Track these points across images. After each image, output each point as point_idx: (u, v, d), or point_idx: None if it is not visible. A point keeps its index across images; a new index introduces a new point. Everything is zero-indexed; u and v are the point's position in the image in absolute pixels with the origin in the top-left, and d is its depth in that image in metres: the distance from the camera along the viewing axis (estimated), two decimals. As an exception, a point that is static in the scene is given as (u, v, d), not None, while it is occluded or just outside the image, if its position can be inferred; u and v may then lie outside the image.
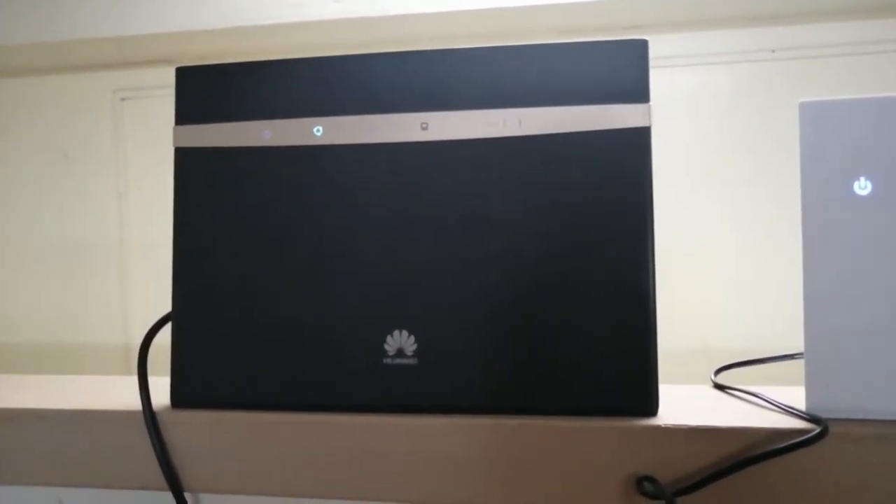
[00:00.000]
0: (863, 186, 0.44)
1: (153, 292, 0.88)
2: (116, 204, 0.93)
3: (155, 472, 0.50)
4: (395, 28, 0.83)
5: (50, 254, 0.94)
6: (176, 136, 0.53)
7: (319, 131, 0.51)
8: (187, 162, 0.53)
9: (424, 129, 0.49)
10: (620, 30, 0.80)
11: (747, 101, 0.79)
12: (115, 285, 0.92)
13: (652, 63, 0.49)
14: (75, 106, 0.95)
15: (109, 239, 0.92)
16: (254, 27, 0.85)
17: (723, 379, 0.57)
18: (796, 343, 0.54)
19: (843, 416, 0.45)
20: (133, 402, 0.53)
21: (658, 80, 0.81)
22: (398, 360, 0.49)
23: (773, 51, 0.80)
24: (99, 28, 0.89)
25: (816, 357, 0.45)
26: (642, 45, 0.48)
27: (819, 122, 0.45)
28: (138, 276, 0.90)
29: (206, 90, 0.53)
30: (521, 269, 0.48)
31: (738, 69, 0.80)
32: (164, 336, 0.55)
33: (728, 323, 0.76)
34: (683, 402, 0.51)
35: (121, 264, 0.92)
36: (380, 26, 0.83)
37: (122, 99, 0.94)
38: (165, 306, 0.55)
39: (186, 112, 0.53)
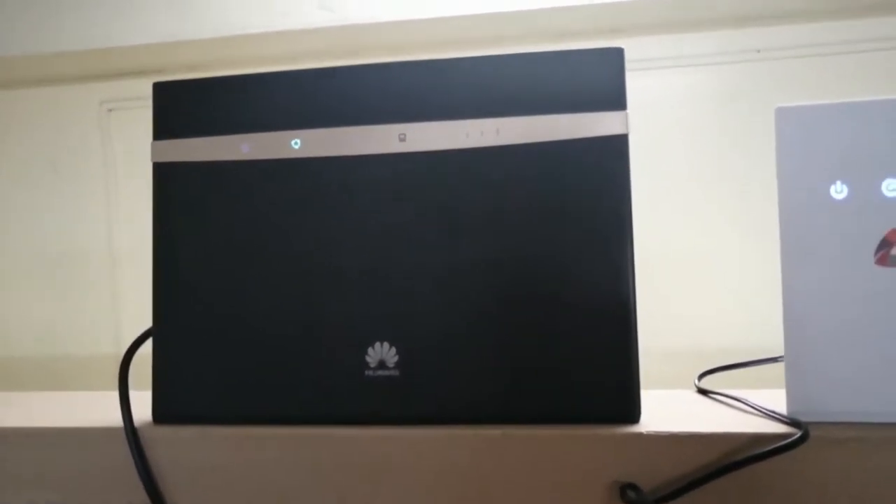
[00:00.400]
0: (839, 190, 0.44)
1: (145, 303, 0.88)
2: (106, 215, 0.93)
3: (138, 489, 0.50)
4: (383, 35, 0.83)
5: (40, 266, 0.94)
6: (154, 151, 0.53)
7: (297, 144, 0.51)
8: (166, 177, 0.53)
9: (402, 140, 0.49)
10: (606, 33, 0.81)
11: (734, 101, 0.79)
12: (107, 296, 0.92)
13: (638, 65, 0.49)
14: (62, 118, 0.95)
15: (100, 250, 0.92)
16: (242, 36, 0.85)
17: (707, 383, 0.57)
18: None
19: (824, 418, 0.45)
20: (116, 418, 0.52)
21: (645, 83, 0.82)
22: (380, 372, 0.49)
23: (759, 51, 0.80)
24: (85, 39, 0.89)
25: (796, 360, 0.45)
26: (618, 53, 0.48)
27: (796, 127, 0.45)
28: (129, 286, 0.90)
29: (183, 105, 0.52)
30: (502, 279, 0.48)
31: (724, 70, 0.80)
32: (149, 349, 0.55)
33: (718, 324, 0.76)
34: (666, 407, 0.51)
35: (111, 275, 0.92)
36: (367, 34, 0.83)
37: (110, 110, 0.94)
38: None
39: (164, 127, 0.53)
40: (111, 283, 0.92)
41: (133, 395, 0.53)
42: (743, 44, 0.80)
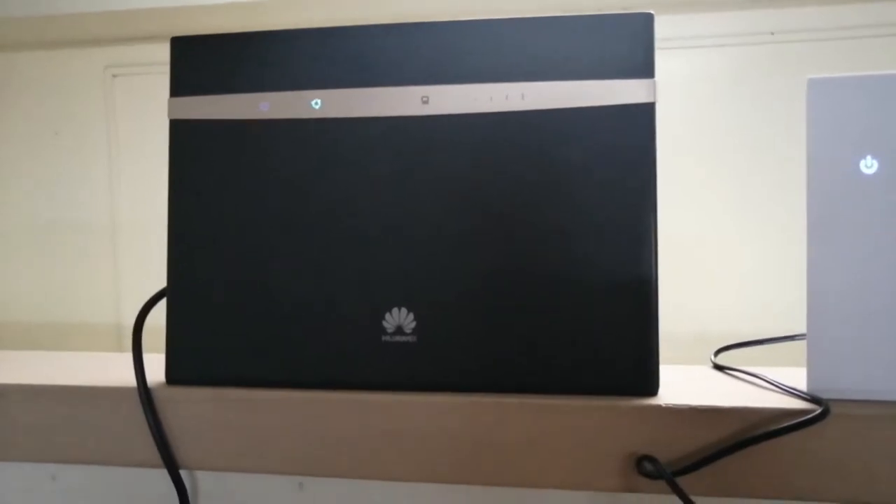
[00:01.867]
0: (869, 165, 0.44)
1: (145, 271, 0.87)
2: (108, 182, 0.91)
3: (150, 449, 0.50)
4: (398, 4, 0.81)
5: (41, 232, 0.93)
6: (171, 107, 0.52)
7: (318, 104, 0.50)
8: (182, 135, 0.52)
9: (425, 102, 0.49)
10: (618, 9, 0.79)
11: (746, 84, 0.78)
12: (107, 264, 0.91)
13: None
14: (66, 82, 0.93)
15: (101, 217, 0.91)
16: (252, 2, 0.84)
17: (722, 360, 0.57)
18: (795, 327, 0.53)
19: (845, 396, 0.44)
20: (127, 378, 0.52)
21: (656, 63, 0.81)
22: (397, 338, 0.48)
23: (773, 33, 0.79)
24: (90, 2, 0.87)
25: (819, 337, 0.45)
26: (647, 19, 0.47)
27: (827, 99, 0.44)
28: (130, 254, 0.89)
29: (202, 61, 0.51)
30: (523, 246, 0.48)
31: (736, 52, 0.80)
32: (156, 316, 0.54)
33: (729, 307, 0.76)
34: (683, 382, 0.51)
35: (113, 243, 0.91)
36: (393, 2, 0.81)
37: (114, 76, 0.92)
38: (157, 285, 0.54)
39: (182, 83, 0.52)
40: (112, 250, 0.91)
41: (146, 357, 0.53)
42: (756, 26, 0.79)
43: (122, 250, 0.91)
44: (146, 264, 0.87)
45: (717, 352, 0.58)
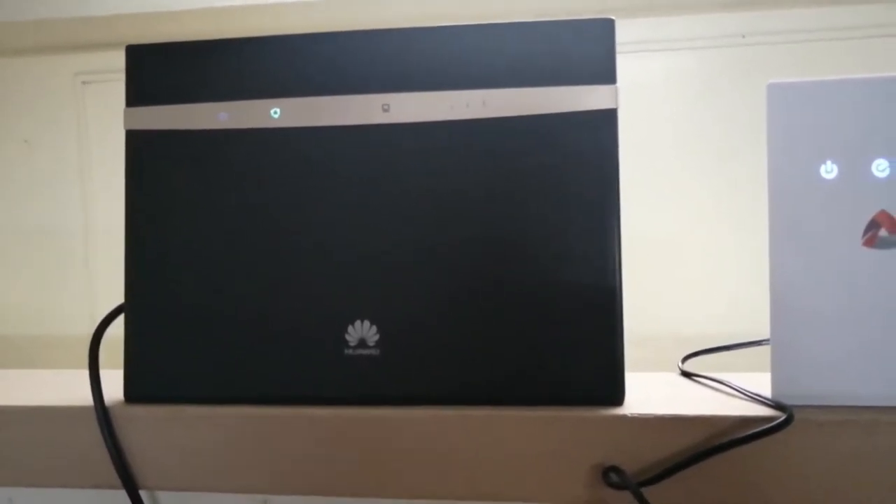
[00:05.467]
0: (829, 170, 0.43)
1: (120, 281, 0.86)
2: (80, 191, 0.90)
3: (109, 469, 0.48)
4: (373, 9, 0.81)
5: (13, 243, 0.91)
6: (127, 118, 0.51)
7: (277, 113, 0.49)
8: (139, 145, 0.51)
9: (386, 110, 0.48)
10: (590, 13, 0.79)
11: (717, 86, 0.78)
12: (81, 274, 0.90)
13: (621, 48, 0.48)
14: (35, 90, 0.92)
15: (74, 227, 0.90)
16: (223, 8, 0.83)
17: (690, 366, 0.57)
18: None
19: (809, 402, 0.44)
20: (86, 396, 0.51)
21: (627, 66, 0.81)
22: (360, 351, 0.48)
23: (744, 36, 0.80)
24: (59, 8, 0.86)
25: (781, 342, 0.45)
26: (608, 25, 0.47)
27: (787, 104, 0.44)
28: (105, 263, 0.88)
29: (158, 70, 0.50)
30: (486, 256, 0.47)
31: (708, 54, 0.80)
32: (121, 327, 0.53)
33: (701, 309, 0.76)
34: (650, 390, 0.51)
35: (86, 252, 0.90)
36: (356, 7, 0.81)
37: (84, 83, 0.91)
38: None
39: (138, 93, 0.51)
40: (86, 260, 0.90)
41: (108, 374, 0.52)
42: (728, 28, 0.79)
43: (95, 260, 0.89)
44: (120, 274, 0.86)
45: (685, 358, 0.58)
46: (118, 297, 0.53)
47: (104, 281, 0.88)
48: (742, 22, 0.79)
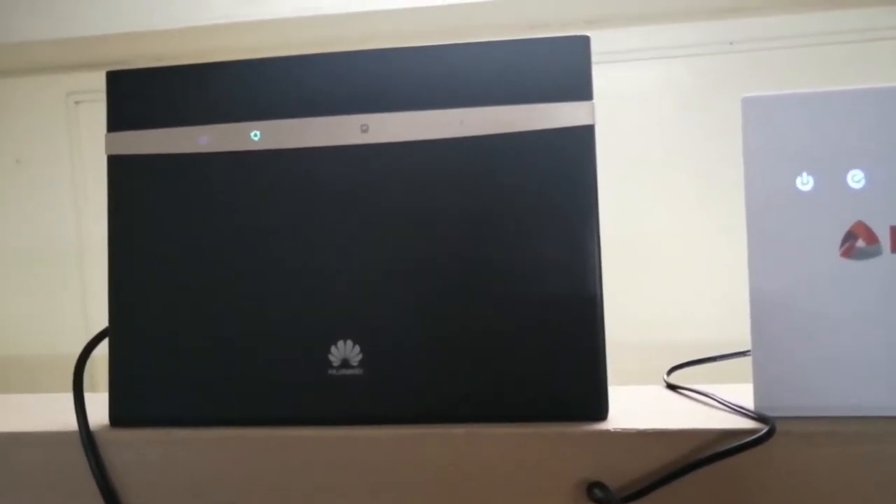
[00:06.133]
0: (805, 182, 0.44)
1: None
2: (74, 209, 0.91)
3: (94, 494, 0.48)
4: (355, 26, 0.81)
5: (5, 263, 0.92)
6: (108, 143, 0.51)
7: (257, 136, 0.49)
8: (121, 170, 0.51)
9: (364, 131, 0.48)
10: (580, 24, 0.80)
11: (707, 93, 0.79)
12: (75, 293, 0.90)
13: (611, 57, 0.48)
14: (27, 109, 0.92)
15: (68, 246, 0.90)
16: (212, 27, 0.83)
17: (676, 378, 0.57)
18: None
19: (791, 413, 0.44)
20: (73, 421, 0.51)
21: (617, 74, 0.81)
22: (343, 371, 0.48)
23: (732, 43, 0.80)
24: (51, 29, 0.86)
25: (763, 355, 0.45)
26: (583, 42, 0.47)
27: (762, 117, 0.44)
28: (99, 283, 0.88)
29: (138, 94, 0.51)
30: (467, 273, 0.47)
31: (697, 62, 0.80)
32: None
33: (689, 317, 0.76)
34: (634, 404, 0.51)
35: (80, 272, 0.90)
36: (339, 24, 0.81)
37: (77, 102, 0.92)
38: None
39: (119, 118, 0.51)
40: (80, 280, 0.90)
41: (96, 397, 0.52)
42: (716, 36, 0.80)
43: (89, 279, 0.90)
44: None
45: (670, 370, 0.58)
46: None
47: (99, 298, 0.88)
48: (730, 29, 0.79)
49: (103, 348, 0.54)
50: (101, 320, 0.87)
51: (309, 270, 0.48)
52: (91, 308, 0.90)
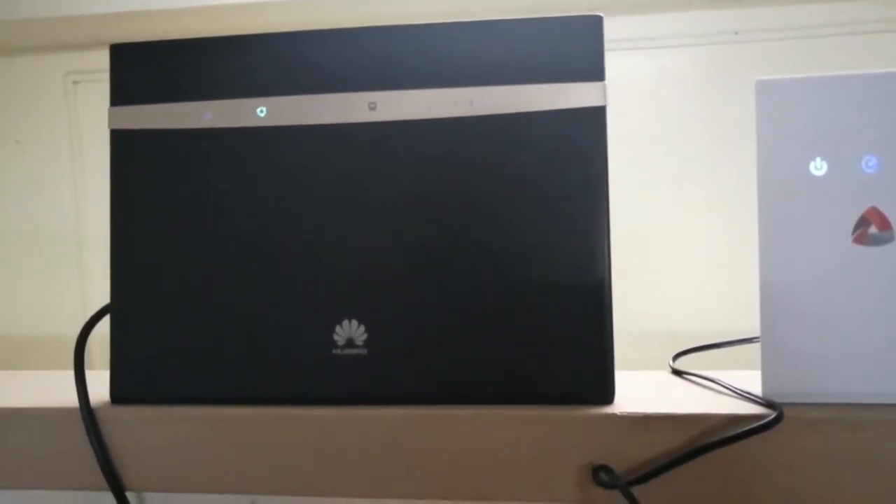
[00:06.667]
0: (818, 167, 0.43)
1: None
2: (73, 191, 0.90)
3: (95, 471, 0.48)
4: (364, 7, 0.81)
5: (4, 244, 0.91)
6: (111, 117, 0.50)
7: (263, 112, 0.49)
8: (124, 145, 0.50)
9: (372, 109, 0.48)
10: (581, 10, 0.79)
11: (711, 83, 0.78)
12: (73, 275, 0.89)
13: (613, 46, 0.48)
14: (26, 89, 0.91)
15: (66, 227, 0.89)
16: (213, 7, 0.82)
17: (681, 364, 0.57)
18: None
19: (799, 399, 0.44)
20: (72, 398, 0.50)
21: (619, 63, 0.81)
22: (348, 351, 0.47)
23: (737, 33, 0.79)
24: (49, 7, 0.85)
25: (771, 340, 0.44)
26: (596, 22, 0.47)
27: (776, 101, 0.44)
28: (97, 265, 0.88)
29: (143, 69, 0.50)
30: (474, 254, 0.47)
31: (700, 52, 0.79)
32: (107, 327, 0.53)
33: (693, 306, 0.76)
34: (640, 389, 0.50)
35: (78, 253, 0.89)
36: (347, 5, 0.81)
37: (75, 82, 0.91)
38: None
39: (122, 92, 0.50)
40: (78, 261, 0.89)
41: (94, 375, 0.51)
42: (721, 25, 0.79)
43: (88, 261, 0.89)
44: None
45: (676, 356, 0.58)
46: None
47: (97, 280, 0.88)
48: (735, 19, 0.78)
49: (98, 329, 0.53)
50: (100, 300, 0.87)
51: (314, 248, 0.48)
52: (89, 287, 0.89)
